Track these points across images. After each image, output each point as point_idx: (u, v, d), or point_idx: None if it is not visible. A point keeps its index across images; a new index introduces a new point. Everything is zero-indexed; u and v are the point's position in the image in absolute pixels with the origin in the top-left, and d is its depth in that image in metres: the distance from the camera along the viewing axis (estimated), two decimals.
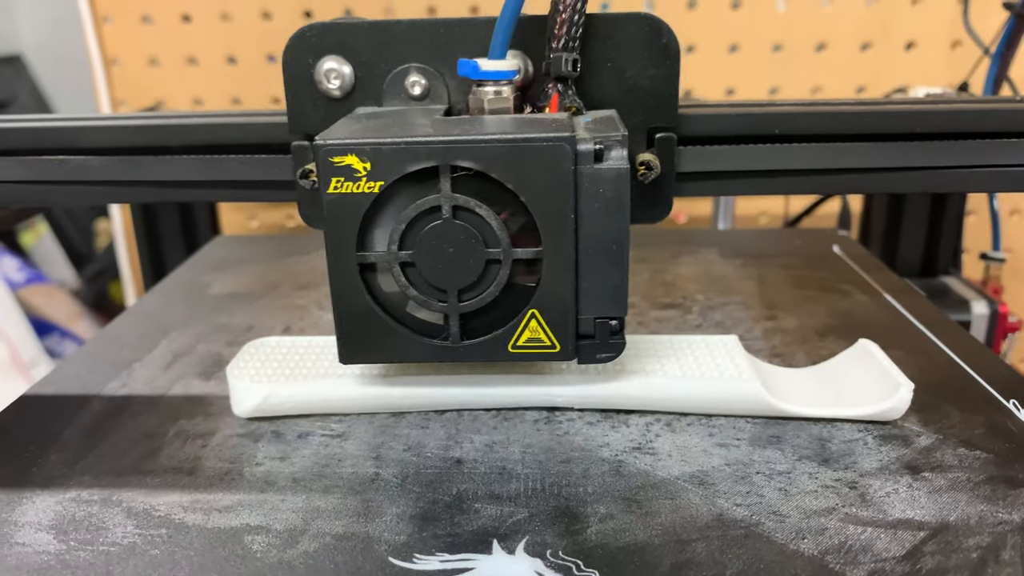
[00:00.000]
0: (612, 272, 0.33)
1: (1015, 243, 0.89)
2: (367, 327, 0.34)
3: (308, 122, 0.37)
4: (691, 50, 0.85)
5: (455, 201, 0.31)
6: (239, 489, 0.33)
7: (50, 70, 1.39)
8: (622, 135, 0.31)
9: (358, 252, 0.32)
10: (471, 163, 0.31)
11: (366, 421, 0.38)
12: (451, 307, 0.33)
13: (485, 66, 0.34)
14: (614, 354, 0.34)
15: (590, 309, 0.33)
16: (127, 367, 0.44)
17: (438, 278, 0.33)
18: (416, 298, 0.33)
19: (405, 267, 0.32)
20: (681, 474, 0.33)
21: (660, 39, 0.35)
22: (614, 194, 0.31)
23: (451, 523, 0.30)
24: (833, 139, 0.36)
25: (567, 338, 0.33)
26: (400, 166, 0.31)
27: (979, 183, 0.37)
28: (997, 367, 0.42)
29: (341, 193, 0.31)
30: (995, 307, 0.67)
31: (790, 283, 0.56)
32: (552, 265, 0.32)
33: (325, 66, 0.36)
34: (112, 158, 0.38)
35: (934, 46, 0.84)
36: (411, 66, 0.36)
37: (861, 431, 0.36)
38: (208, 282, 0.58)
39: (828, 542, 0.29)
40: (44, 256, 1.34)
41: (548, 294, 0.33)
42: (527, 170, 0.31)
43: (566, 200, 0.31)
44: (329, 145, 0.31)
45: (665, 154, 0.36)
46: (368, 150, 0.31)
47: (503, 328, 0.33)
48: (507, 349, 0.34)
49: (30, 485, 0.33)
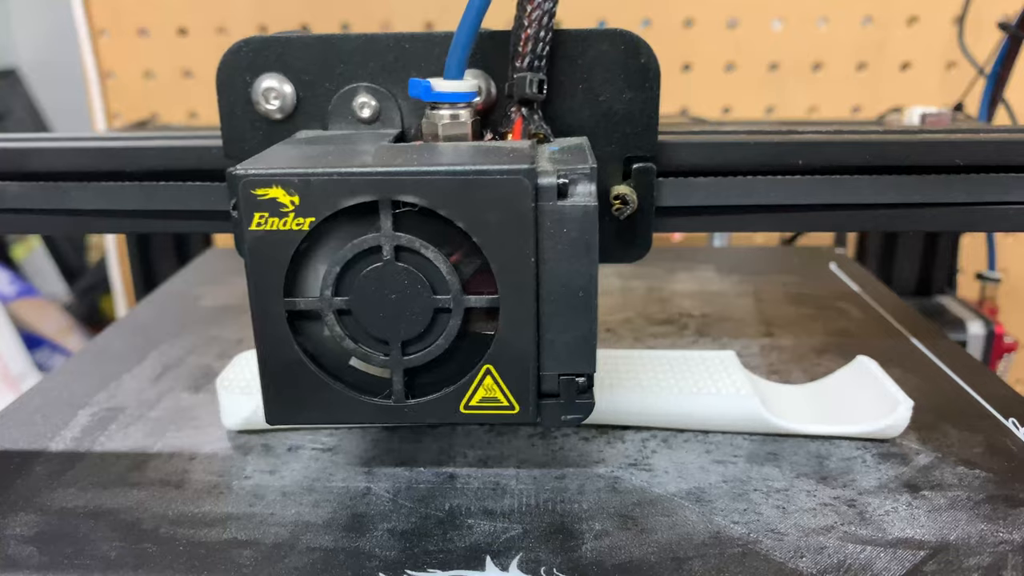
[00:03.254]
0: (578, 322, 0.28)
1: (1011, 263, 0.89)
2: (297, 383, 0.29)
3: (245, 146, 0.34)
4: (687, 69, 0.85)
5: (397, 241, 0.27)
6: (227, 503, 0.32)
7: (45, 84, 1.39)
8: (590, 167, 0.27)
9: (286, 298, 0.28)
10: (415, 198, 0.26)
11: (358, 435, 0.37)
12: (394, 361, 0.29)
13: (439, 87, 0.30)
14: (582, 416, 0.30)
15: (554, 364, 0.29)
16: (116, 378, 0.44)
17: (379, 328, 0.28)
18: (354, 351, 0.29)
19: (341, 315, 0.28)
20: (678, 491, 0.33)
21: (637, 58, 0.32)
22: (580, 235, 0.27)
23: (443, 539, 0.30)
24: (828, 172, 0.34)
25: (527, 398, 0.29)
26: (333, 200, 0.27)
27: (986, 222, 0.35)
28: (995, 386, 0.41)
29: (266, 230, 0.27)
30: (991, 327, 0.67)
31: (787, 300, 0.56)
32: (510, 314, 0.28)
33: (263, 85, 0.33)
34: (34, 184, 0.35)
35: (929, 66, 0.85)
36: (360, 86, 0.33)
37: (859, 449, 0.36)
38: (199, 294, 0.58)
39: (827, 560, 0.28)
40: (36, 270, 1.33)
41: (505, 347, 0.28)
42: (480, 207, 0.26)
43: (525, 241, 0.27)
44: (250, 176, 0.26)
45: (643, 187, 0.33)
46: (296, 182, 0.26)
47: (454, 386, 0.29)
48: (459, 409, 0.29)
49: (15, 498, 0.33)
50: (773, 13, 0.84)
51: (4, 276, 1.19)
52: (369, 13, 0.85)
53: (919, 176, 0.34)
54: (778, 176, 0.34)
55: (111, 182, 0.35)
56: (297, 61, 0.33)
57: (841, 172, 0.34)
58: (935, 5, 0.82)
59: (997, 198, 0.34)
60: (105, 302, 1.25)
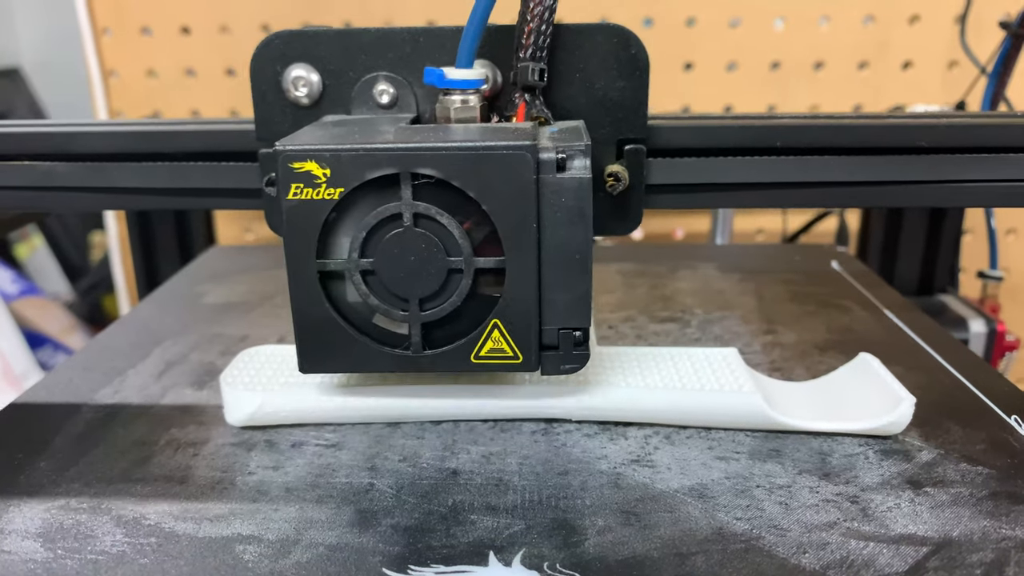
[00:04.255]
0: (575, 282, 0.32)
1: (1012, 262, 0.89)
2: (327, 336, 0.33)
3: (276, 130, 0.36)
4: (689, 67, 0.85)
5: (416, 209, 0.31)
6: (231, 498, 0.32)
7: (48, 83, 1.39)
8: (585, 144, 0.31)
9: (318, 259, 0.32)
10: (432, 171, 0.30)
11: (361, 431, 0.37)
12: (413, 316, 0.33)
13: (451, 75, 0.33)
14: (578, 365, 0.34)
15: (553, 320, 0.33)
16: (119, 375, 0.44)
17: (399, 287, 0.32)
18: (377, 307, 0.33)
19: (366, 275, 0.32)
20: (680, 487, 0.33)
21: (629, 50, 0.35)
22: (576, 204, 0.31)
23: (447, 534, 0.30)
24: (801, 152, 0.36)
25: (530, 349, 0.33)
26: (360, 173, 0.31)
27: (962, 198, 0.37)
28: (998, 383, 0.41)
29: (301, 199, 0.31)
30: (993, 326, 0.67)
31: (789, 298, 0.56)
32: (515, 275, 0.32)
33: (292, 74, 0.36)
34: (78, 164, 0.38)
35: (931, 65, 0.85)
36: (379, 74, 0.36)
37: (862, 445, 0.36)
38: (202, 292, 0.58)
39: (830, 557, 0.28)
40: (38, 268, 1.33)
41: (511, 304, 0.32)
42: (489, 179, 0.30)
43: (528, 209, 0.31)
44: (289, 151, 0.30)
45: (634, 166, 0.36)
46: (328, 156, 0.30)
47: (466, 338, 0.33)
48: (470, 359, 0.33)
49: (18, 492, 0.33)
50: (775, 12, 0.84)
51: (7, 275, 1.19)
52: (370, 12, 0.85)
53: (887, 156, 0.36)
54: (757, 156, 0.36)
55: (149, 162, 0.38)
56: (323, 52, 0.36)
57: (817, 153, 0.36)
58: (937, 4, 0.82)
59: (957, 176, 0.36)
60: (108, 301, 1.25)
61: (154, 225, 0.77)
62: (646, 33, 0.83)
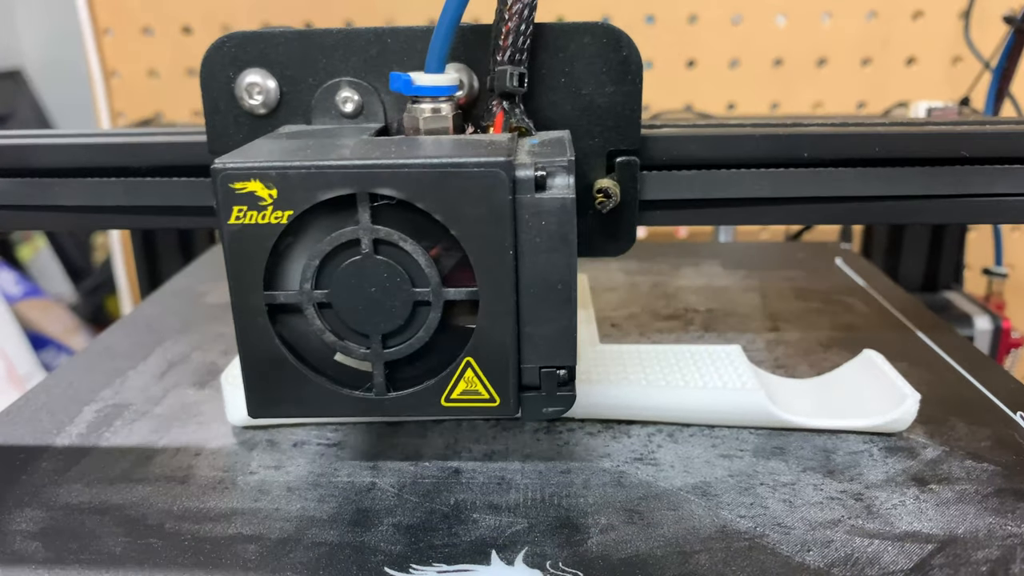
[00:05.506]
0: (558, 315, 0.28)
1: (1018, 259, 0.88)
2: (278, 376, 0.29)
3: (229, 142, 0.34)
4: (692, 65, 0.85)
5: (376, 234, 0.27)
6: (232, 498, 0.32)
7: (50, 83, 1.39)
8: (568, 160, 0.27)
9: (266, 291, 0.28)
10: (393, 191, 0.26)
11: (363, 430, 0.37)
12: (375, 354, 0.29)
13: (420, 80, 0.30)
14: (563, 408, 0.30)
15: (534, 357, 0.29)
16: (121, 375, 0.44)
17: (359, 321, 0.28)
18: (334, 343, 0.29)
19: (321, 308, 0.28)
20: (684, 485, 0.33)
21: (619, 52, 0.32)
22: (558, 227, 0.27)
23: (449, 533, 0.30)
24: (808, 165, 0.34)
25: (508, 390, 0.29)
26: (311, 194, 0.27)
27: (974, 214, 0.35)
28: (1003, 379, 0.41)
29: (244, 224, 0.27)
30: (998, 323, 0.67)
31: (793, 295, 0.55)
32: (489, 307, 0.28)
33: (247, 80, 0.33)
34: (18, 180, 0.36)
35: (935, 61, 0.84)
36: (342, 80, 0.33)
37: (866, 443, 0.36)
38: (204, 291, 0.58)
39: (834, 554, 0.28)
40: (41, 270, 1.34)
41: (485, 340, 0.28)
42: (458, 200, 0.26)
43: (503, 234, 0.27)
44: (228, 169, 0.26)
45: (626, 180, 0.33)
46: (273, 175, 0.26)
47: (435, 378, 0.29)
48: (440, 403, 0.29)
49: (20, 493, 0.33)
50: (777, 9, 0.83)
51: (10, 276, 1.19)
52: (373, 10, 0.85)
53: (894, 168, 0.34)
54: (762, 169, 0.34)
55: (99, 178, 0.36)
56: (280, 56, 0.33)
57: (824, 165, 0.34)
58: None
59: (952, 191, 0.34)
60: (111, 302, 1.26)
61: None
62: (648, 30, 0.83)
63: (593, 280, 0.58)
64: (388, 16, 0.85)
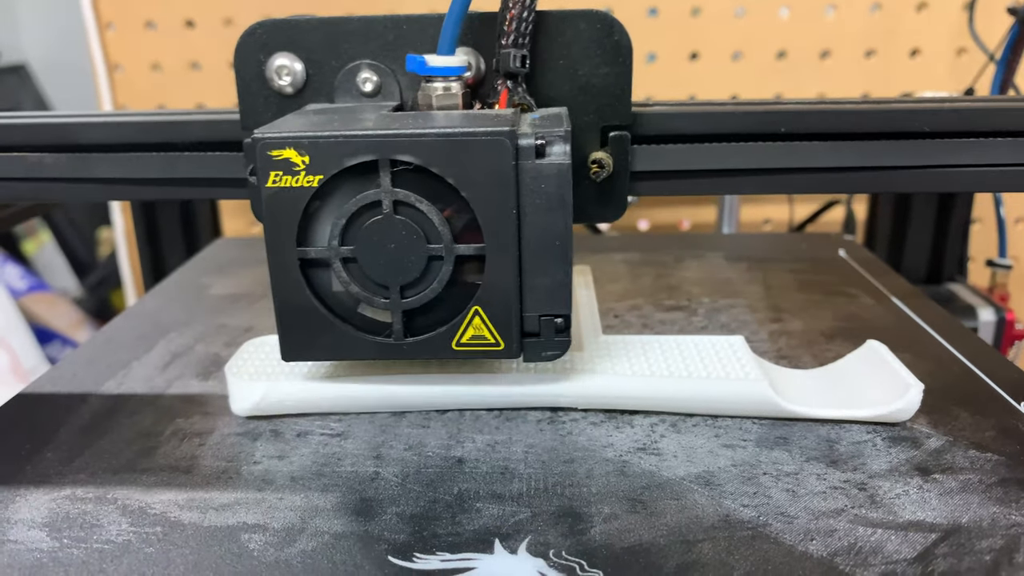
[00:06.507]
0: (556, 269, 0.32)
1: (1022, 250, 0.88)
2: (308, 324, 0.33)
3: (260, 119, 0.36)
4: (695, 57, 0.85)
5: (396, 196, 0.31)
6: (236, 487, 0.32)
7: (54, 78, 1.39)
8: (565, 131, 0.31)
9: (298, 247, 0.32)
10: (411, 157, 0.30)
11: (366, 420, 0.37)
12: (394, 304, 0.33)
13: (433, 62, 0.33)
14: (560, 352, 0.34)
15: (535, 306, 0.33)
16: (125, 366, 0.44)
17: (380, 274, 0.32)
18: (358, 294, 0.33)
19: (346, 263, 0.32)
20: (687, 475, 0.33)
21: (612, 36, 0.35)
22: (556, 190, 0.31)
23: (452, 522, 0.30)
24: (784, 138, 0.36)
25: (511, 336, 0.33)
26: (339, 160, 0.30)
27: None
28: (1006, 369, 0.41)
29: (280, 187, 0.31)
30: (1002, 314, 0.67)
31: (796, 286, 0.55)
32: (495, 262, 0.32)
33: (276, 63, 0.36)
34: (66, 155, 0.38)
35: (939, 53, 0.84)
36: (362, 63, 0.36)
37: (870, 432, 0.36)
38: (208, 283, 0.58)
39: (837, 544, 0.28)
40: (46, 264, 1.34)
41: (492, 291, 0.32)
42: (468, 165, 0.30)
43: (508, 196, 0.31)
44: (267, 138, 0.30)
45: (619, 153, 0.36)
46: (306, 143, 0.30)
47: (447, 325, 0.33)
48: (451, 346, 0.33)
49: (24, 482, 0.33)
50: (780, 1, 0.83)
51: (15, 271, 1.19)
52: (374, 1, 0.84)
53: (867, 142, 0.36)
54: (742, 143, 0.36)
55: (140, 152, 0.38)
56: (306, 41, 0.36)
57: (800, 139, 0.36)
58: None
59: (962, 161, 0.36)
60: (115, 296, 1.26)
61: (160, 218, 0.77)
62: (651, 23, 0.83)
63: (596, 271, 0.57)
64: (389, 9, 0.84)
